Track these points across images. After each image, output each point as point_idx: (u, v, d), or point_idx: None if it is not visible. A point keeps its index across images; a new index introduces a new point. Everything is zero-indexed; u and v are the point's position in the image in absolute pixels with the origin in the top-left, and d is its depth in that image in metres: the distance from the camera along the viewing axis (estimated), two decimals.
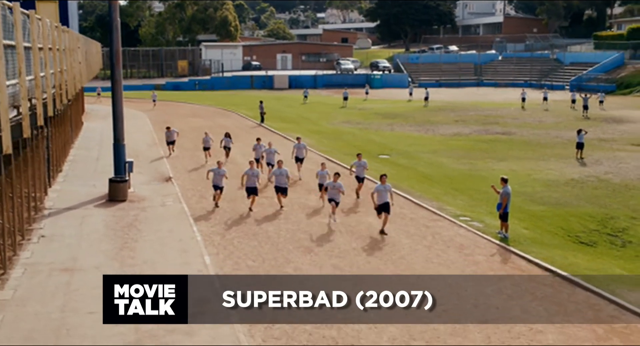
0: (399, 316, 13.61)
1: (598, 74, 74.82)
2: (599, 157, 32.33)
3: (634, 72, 74.02)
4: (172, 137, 32.77)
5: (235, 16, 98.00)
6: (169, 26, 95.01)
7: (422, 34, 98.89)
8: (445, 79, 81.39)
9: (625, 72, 74.89)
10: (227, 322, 12.96)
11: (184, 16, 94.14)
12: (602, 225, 21.04)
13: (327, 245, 18.09)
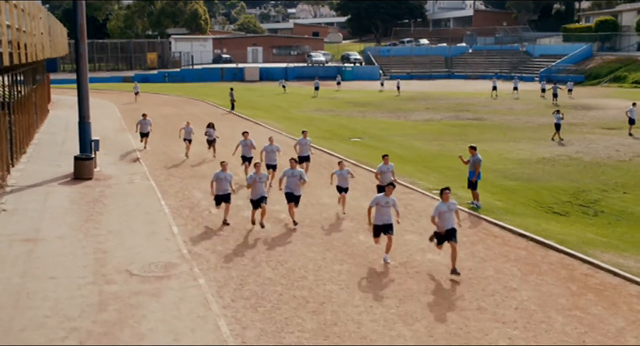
0: (371, 277, 13.41)
1: (567, 65, 75.46)
2: (570, 139, 32.43)
3: (602, 63, 74.72)
4: (146, 128, 28.82)
5: (205, 9, 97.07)
6: (138, 20, 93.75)
7: (393, 27, 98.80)
8: (416, 71, 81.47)
9: (593, 64, 75.56)
10: (195, 284, 12.57)
11: (153, 9, 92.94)
12: (574, 197, 21.00)
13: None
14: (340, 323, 10.95)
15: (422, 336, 10.53)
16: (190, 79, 72.98)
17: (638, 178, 23.74)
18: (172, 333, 10.49)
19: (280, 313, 11.42)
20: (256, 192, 16.33)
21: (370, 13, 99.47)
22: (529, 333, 10.66)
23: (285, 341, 10.32)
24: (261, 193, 16.36)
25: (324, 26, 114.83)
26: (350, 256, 14.50)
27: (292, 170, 16.53)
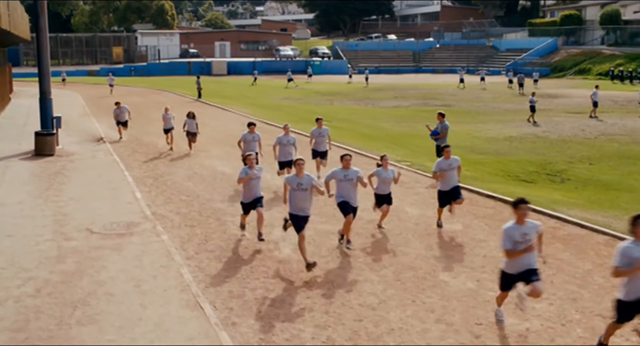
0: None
1: (533, 58, 76.23)
2: (537, 121, 32.62)
3: (567, 56, 75.68)
4: (123, 115, 25.95)
5: (172, 5, 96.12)
6: (103, 15, 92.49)
7: (361, 23, 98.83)
8: (384, 66, 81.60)
9: (558, 57, 76.50)
10: (158, 239, 12.25)
11: (119, 5, 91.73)
12: (542, 168, 21.05)
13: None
14: (307, 274, 10.72)
15: (390, 280, 10.35)
16: (157, 72, 72.18)
17: (603, 152, 23.90)
18: (133, 280, 10.17)
19: (245, 262, 11.17)
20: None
21: (338, 9, 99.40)
22: (496, 276, 10.54)
23: (250, 285, 10.06)
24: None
25: (292, 23, 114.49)
26: (318, 215, 14.27)
27: (344, 171, 11.68)
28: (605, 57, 70.36)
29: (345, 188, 11.66)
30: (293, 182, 10.89)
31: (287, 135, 16.72)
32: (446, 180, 12.94)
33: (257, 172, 12.19)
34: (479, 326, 8.69)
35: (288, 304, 9.37)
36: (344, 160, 11.66)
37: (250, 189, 12.15)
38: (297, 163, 11.03)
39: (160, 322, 8.62)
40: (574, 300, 9.57)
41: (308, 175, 10.96)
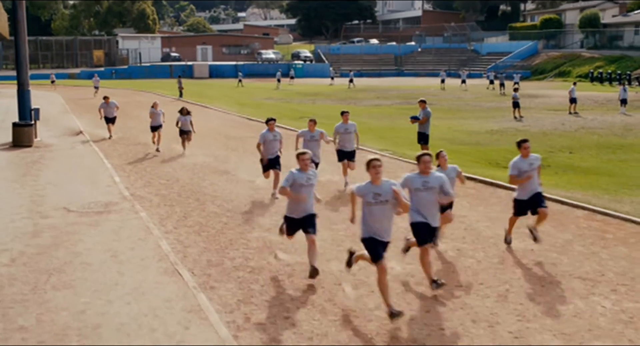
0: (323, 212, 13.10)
1: (514, 61, 76.72)
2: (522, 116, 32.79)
3: (547, 59, 76.24)
4: (112, 111, 24.26)
5: (153, 10, 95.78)
6: (84, 19, 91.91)
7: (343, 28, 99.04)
8: (366, 69, 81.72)
9: (539, 60, 77.06)
10: (136, 216, 12.10)
11: (100, 9, 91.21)
12: None
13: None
14: (286, 242, 10.62)
15: None
16: (138, 75, 71.79)
17: (583, 143, 24.04)
18: (109, 251, 10.03)
19: (225, 236, 11.05)
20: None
21: (320, 14, 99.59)
22: (476, 246, 10.54)
23: (229, 255, 9.95)
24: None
25: (274, 28, 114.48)
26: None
27: (421, 178, 8.49)
28: (585, 59, 70.96)
29: (423, 202, 8.47)
30: (367, 192, 7.81)
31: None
32: (525, 184, 10.18)
33: (312, 177, 9.10)
34: (458, 288, 8.66)
35: (267, 271, 9.28)
36: (422, 162, 8.35)
37: (299, 202, 9.01)
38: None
39: (137, 287, 8.50)
40: (553, 264, 9.56)
41: (386, 181, 7.90)
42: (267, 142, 14.05)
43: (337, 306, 7.96)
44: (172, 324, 7.34)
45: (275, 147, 14.19)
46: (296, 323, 7.45)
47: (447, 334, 7.20)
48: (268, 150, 14.03)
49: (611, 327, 7.37)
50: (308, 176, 8.95)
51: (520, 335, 7.18)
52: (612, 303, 8.03)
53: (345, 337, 7.12)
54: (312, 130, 14.63)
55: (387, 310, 7.44)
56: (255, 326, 7.39)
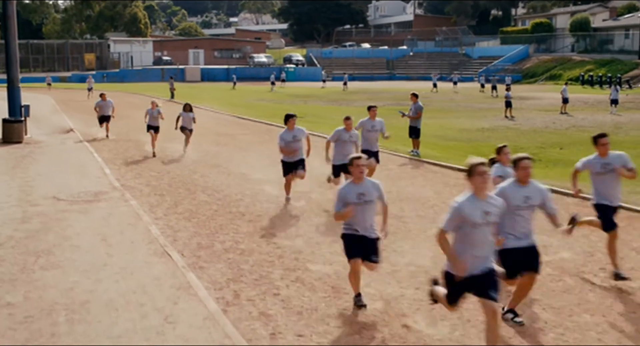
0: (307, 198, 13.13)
1: (505, 64, 77.02)
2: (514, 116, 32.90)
3: (538, 63, 76.59)
4: (107, 110, 23.13)
5: (145, 14, 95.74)
6: (76, 24, 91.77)
7: (334, 32, 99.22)
8: (358, 73, 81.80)
9: (530, 64, 77.38)
10: (126, 204, 12.06)
11: (92, 13, 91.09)
12: (513, 151, 21.03)
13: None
14: (276, 227, 10.62)
15: None
16: (130, 79, 71.65)
17: (574, 140, 24.09)
18: (99, 235, 10.00)
19: (215, 222, 11.03)
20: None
21: (312, 18, 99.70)
22: None
23: (220, 239, 9.92)
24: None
25: (266, 32, 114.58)
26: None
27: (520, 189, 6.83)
28: (576, 63, 71.31)
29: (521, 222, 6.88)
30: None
31: (348, 131, 12.44)
32: (603, 187, 8.35)
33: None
34: None
35: (257, 253, 9.25)
36: (521, 168, 6.78)
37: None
38: None
39: (125, 266, 8.46)
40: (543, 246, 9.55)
41: None
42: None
43: (328, 285, 7.95)
44: (161, 300, 7.30)
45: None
46: (285, 299, 7.43)
47: (436, 309, 7.19)
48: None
49: (600, 302, 7.38)
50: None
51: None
52: (601, 280, 8.05)
53: (335, 311, 7.10)
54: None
55: None
56: (244, 301, 7.37)
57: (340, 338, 6.43)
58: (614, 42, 74.29)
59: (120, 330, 6.51)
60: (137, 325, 6.62)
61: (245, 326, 6.68)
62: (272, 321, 6.84)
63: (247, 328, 6.64)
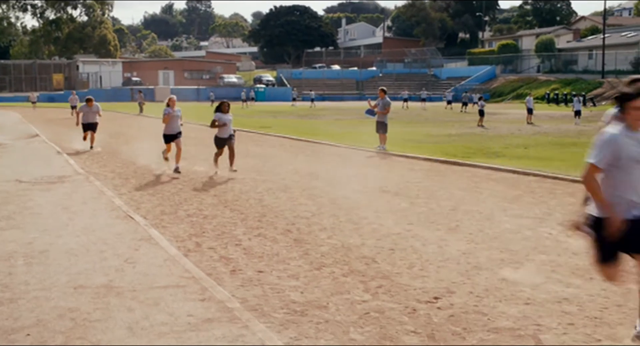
0: (272, 177, 13.11)
1: (473, 84, 78.10)
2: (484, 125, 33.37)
3: (505, 83, 77.83)
4: (93, 116, 20.06)
5: (114, 36, 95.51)
6: (44, 45, 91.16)
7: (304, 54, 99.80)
8: (328, 93, 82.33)
9: (497, 83, 78.60)
10: (90, 184, 11.99)
11: (60, 35, 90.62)
12: (479, 150, 21.36)
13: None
14: (241, 200, 10.63)
15: (324, 207, 10.33)
16: (99, 98, 70.41)
17: (538, 142, 24.47)
18: (61, 206, 9.92)
19: (180, 195, 11.02)
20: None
21: (282, 41, 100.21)
22: (430, 203, 10.64)
23: (184, 208, 9.90)
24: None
25: (237, 55, 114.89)
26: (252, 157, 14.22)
27: None
28: (541, 82, 72.57)
29: None
30: None
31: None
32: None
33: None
34: (410, 224, 8.73)
35: (220, 217, 9.26)
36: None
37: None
38: None
39: (87, 227, 8.41)
40: (504, 210, 9.71)
41: None
42: None
43: (290, 237, 7.98)
44: (122, 248, 7.28)
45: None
46: (247, 248, 7.44)
47: (396, 252, 7.26)
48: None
49: (555, 245, 7.51)
50: None
51: (468, 251, 7.27)
52: (558, 232, 8.19)
53: (296, 255, 7.13)
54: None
55: None
56: (205, 249, 7.37)
57: (300, 273, 6.46)
58: (578, 63, 75.82)
59: (79, 269, 6.47)
60: (97, 265, 6.59)
61: (205, 265, 6.69)
62: (232, 262, 6.85)
63: (208, 266, 6.65)
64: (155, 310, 5.24)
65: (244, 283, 6.10)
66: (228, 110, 14.48)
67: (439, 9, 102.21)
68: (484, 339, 4.74)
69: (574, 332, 4.85)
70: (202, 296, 5.58)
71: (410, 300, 5.62)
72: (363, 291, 5.87)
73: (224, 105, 14.14)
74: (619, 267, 4.75)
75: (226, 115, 14.23)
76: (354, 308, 5.40)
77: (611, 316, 5.20)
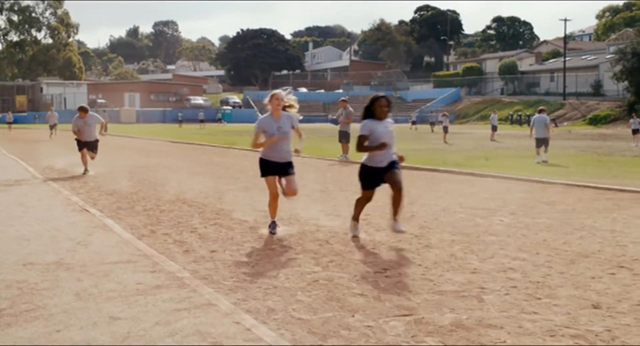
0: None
1: (438, 106, 79.10)
2: (440, 143, 33.80)
3: (470, 104, 79.03)
4: (90, 132, 15.42)
5: (79, 58, 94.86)
6: (7, 67, 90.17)
7: (271, 76, 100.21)
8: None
9: (462, 105, 79.77)
10: (47, 185, 11.91)
11: (24, 57, 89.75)
12: (441, 161, 21.68)
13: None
14: (200, 197, 10.64)
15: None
16: (63, 119, 70.36)
17: (500, 154, 24.91)
18: (15, 202, 9.83)
19: (138, 195, 10.98)
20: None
21: (249, 64, 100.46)
22: (386, 199, 10.74)
23: (141, 204, 9.88)
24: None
25: (204, 78, 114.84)
26: (214, 165, 14.24)
27: None
28: (505, 104, 73.86)
29: None
30: None
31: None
32: None
33: None
34: (366, 215, 8.84)
35: (178, 211, 9.26)
36: None
37: None
38: None
39: (41, 218, 8.37)
40: (459, 204, 9.87)
41: None
42: None
43: (246, 226, 8.02)
44: (76, 234, 7.26)
45: None
46: (202, 235, 7.46)
47: (349, 235, 7.33)
48: None
49: (506, 230, 7.67)
50: None
51: (421, 234, 7.39)
52: (510, 220, 8.36)
53: (250, 239, 7.17)
54: None
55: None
56: (160, 235, 7.38)
57: (253, 252, 6.50)
58: (540, 85, 77.38)
59: (30, 250, 6.44)
60: (48, 248, 6.56)
61: (159, 246, 6.70)
62: (186, 244, 6.87)
63: (161, 247, 6.66)
64: (104, 280, 5.24)
65: (196, 260, 6.12)
66: None
67: (405, 33, 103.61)
68: (428, 299, 4.82)
69: (516, 293, 4.97)
70: (152, 269, 5.60)
71: (360, 271, 5.70)
72: (314, 265, 5.94)
73: None
74: None
75: None
76: (304, 278, 5.46)
77: (553, 281, 5.34)
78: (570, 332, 4.11)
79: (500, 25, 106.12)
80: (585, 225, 8.01)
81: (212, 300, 4.63)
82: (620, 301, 4.77)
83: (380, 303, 4.73)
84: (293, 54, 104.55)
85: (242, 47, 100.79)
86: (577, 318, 4.39)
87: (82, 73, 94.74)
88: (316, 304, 4.70)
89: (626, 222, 8.18)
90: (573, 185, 11.93)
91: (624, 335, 4.06)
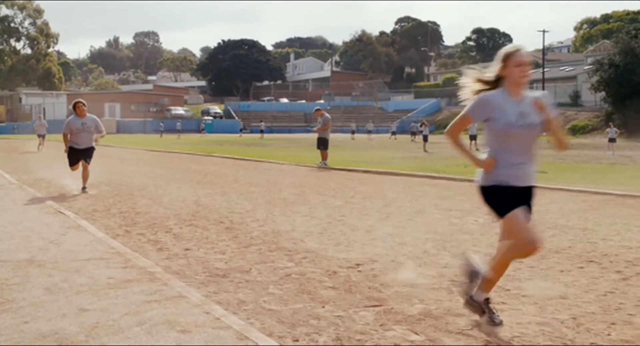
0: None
1: (419, 116, 79.50)
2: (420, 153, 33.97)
3: (450, 115, 79.39)
4: (87, 138, 12.96)
5: (59, 69, 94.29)
6: None
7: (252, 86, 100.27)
8: (276, 125, 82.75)
9: (442, 116, 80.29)
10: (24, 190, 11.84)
11: (3, 67, 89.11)
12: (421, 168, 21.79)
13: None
14: (177, 201, 10.63)
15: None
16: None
17: None
18: None
19: (114, 199, 10.94)
20: None
21: (230, 74, 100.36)
22: (364, 202, 10.82)
23: (117, 206, 9.84)
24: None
25: (185, 89, 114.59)
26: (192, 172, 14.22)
27: None
28: None
29: None
30: None
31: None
32: None
33: None
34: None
35: (154, 213, 9.24)
36: None
37: None
38: None
39: (14, 220, 8.32)
40: (435, 205, 9.94)
41: None
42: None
43: (222, 226, 8.02)
44: (49, 234, 7.22)
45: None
46: (178, 234, 7.46)
47: (324, 234, 7.36)
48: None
49: (479, 229, 7.74)
50: None
51: (396, 233, 7.44)
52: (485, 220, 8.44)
53: (225, 238, 7.18)
54: None
55: None
56: (135, 235, 7.36)
57: (227, 250, 6.51)
58: None
59: (1, 249, 6.39)
60: (20, 246, 6.53)
61: (132, 245, 6.69)
62: (160, 243, 6.86)
63: (135, 246, 6.65)
64: (75, 276, 5.23)
65: (170, 257, 6.13)
66: None
67: (386, 43, 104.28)
68: (399, 291, 4.86)
69: None
70: (124, 265, 5.59)
71: (333, 266, 5.73)
72: (287, 261, 5.96)
73: None
74: None
75: None
76: (277, 273, 5.48)
77: (523, 274, 5.41)
78: (537, 320, 4.17)
79: (480, 37, 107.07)
80: (558, 224, 8.11)
81: (183, 293, 4.64)
82: (587, 292, 4.85)
83: (350, 295, 4.76)
84: (274, 64, 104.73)
85: (224, 57, 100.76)
86: (545, 307, 4.46)
87: (62, 83, 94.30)
88: (287, 296, 4.73)
89: (598, 221, 8.30)
90: (548, 188, 12.05)
91: (588, 322, 4.13)
